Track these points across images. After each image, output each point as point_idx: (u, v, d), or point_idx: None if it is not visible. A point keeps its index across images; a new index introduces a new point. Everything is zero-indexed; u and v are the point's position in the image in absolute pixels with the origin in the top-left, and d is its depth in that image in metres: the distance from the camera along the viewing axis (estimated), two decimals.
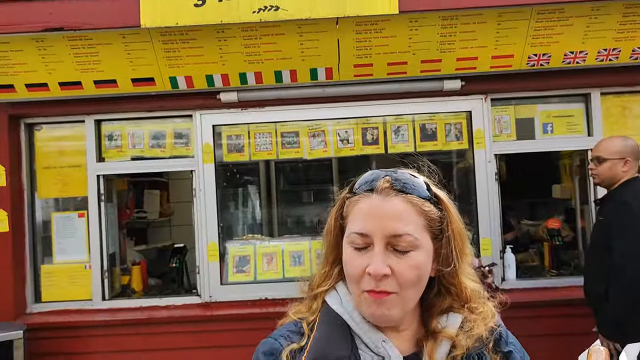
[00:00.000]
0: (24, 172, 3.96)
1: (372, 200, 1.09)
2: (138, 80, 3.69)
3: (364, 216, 1.09)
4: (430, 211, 1.10)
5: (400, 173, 1.13)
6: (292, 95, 3.85)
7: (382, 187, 1.09)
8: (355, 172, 4.10)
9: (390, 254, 1.05)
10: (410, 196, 1.09)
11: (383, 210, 1.07)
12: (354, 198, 1.13)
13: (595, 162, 3.15)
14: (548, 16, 3.48)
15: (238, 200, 5.66)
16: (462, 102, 3.93)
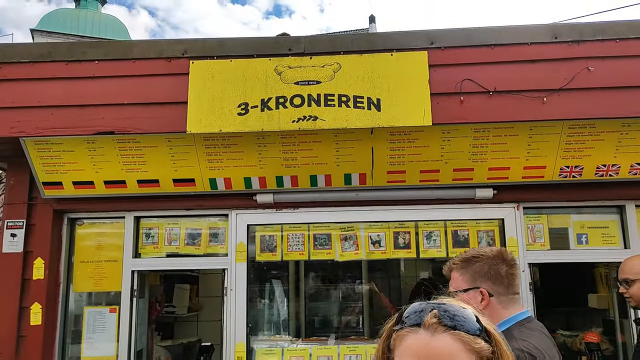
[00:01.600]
0: (62, 265, 4.06)
1: (420, 337, 1.06)
2: (179, 180, 3.84)
3: (411, 354, 1.05)
4: (481, 348, 1.05)
5: (448, 305, 1.10)
6: (326, 198, 3.95)
7: (429, 322, 1.06)
8: (385, 272, 4.12)
9: None
10: (460, 332, 1.05)
11: (431, 349, 1.03)
12: (401, 332, 1.10)
13: (624, 285, 3.06)
14: (579, 130, 3.56)
15: (265, 296, 5.65)
16: (494, 209, 3.96)
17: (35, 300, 3.87)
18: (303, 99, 3.49)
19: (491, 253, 2.12)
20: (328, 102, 3.48)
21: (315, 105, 3.47)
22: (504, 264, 2.08)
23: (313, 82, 3.51)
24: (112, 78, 3.61)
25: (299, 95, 3.49)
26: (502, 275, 2.05)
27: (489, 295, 2.05)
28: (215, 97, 3.52)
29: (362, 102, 3.47)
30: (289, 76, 3.52)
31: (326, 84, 3.50)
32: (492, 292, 2.05)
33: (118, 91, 3.58)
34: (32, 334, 3.83)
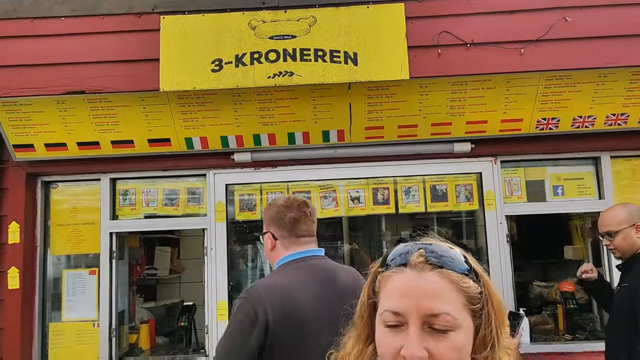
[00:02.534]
0: (38, 229, 4.00)
1: (406, 276, 1.01)
2: (154, 140, 3.77)
3: (397, 294, 1.01)
4: (469, 287, 1.01)
5: (435, 245, 1.06)
6: (304, 155, 3.92)
7: (415, 261, 1.02)
8: (365, 230, 4.12)
9: (427, 335, 0.97)
10: (447, 271, 1.01)
11: (418, 288, 0.99)
12: (387, 273, 1.05)
13: (607, 237, 3.10)
14: (556, 82, 3.56)
15: (247, 257, 5.65)
16: (472, 163, 3.97)
17: (12, 265, 3.83)
18: (278, 54, 3.41)
19: (280, 201, 2.30)
20: (304, 57, 3.41)
21: (291, 61, 3.41)
22: (289, 211, 2.23)
23: (288, 36, 3.43)
24: (81, 35, 3.50)
25: (274, 50, 3.42)
26: (285, 221, 2.21)
27: (274, 238, 2.24)
28: (187, 53, 3.43)
29: (339, 57, 3.41)
30: (263, 31, 3.44)
31: (302, 38, 3.43)
32: (277, 236, 2.23)
33: (87, 49, 3.47)
34: (10, 298, 3.80)
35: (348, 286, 2.11)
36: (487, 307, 1.05)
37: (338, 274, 2.17)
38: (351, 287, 2.07)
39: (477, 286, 1.04)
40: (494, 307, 1.06)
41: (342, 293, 2.05)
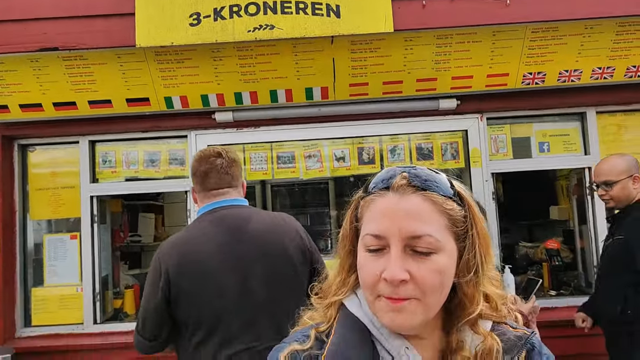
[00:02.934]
0: (16, 193, 3.91)
1: (388, 198, 0.99)
2: (133, 100, 3.67)
3: (378, 216, 0.99)
4: (452, 210, 0.99)
5: (419, 169, 1.03)
6: (287, 114, 3.84)
7: (398, 184, 0.99)
8: (353, 194, 4.05)
9: (408, 258, 0.95)
10: (431, 193, 0.98)
11: (400, 209, 0.96)
12: (369, 197, 1.03)
13: (603, 187, 3.08)
14: (542, 35, 3.50)
15: None
16: (457, 121, 3.92)
17: None
18: (258, 7, 3.31)
19: (196, 156, 2.37)
20: (285, 10, 3.31)
21: (271, 13, 3.31)
22: (199, 165, 2.31)
23: None
24: None
25: (253, 3, 3.31)
26: (197, 176, 2.31)
27: (194, 191, 2.37)
28: (164, 7, 3.31)
29: (321, 9, 3.32)
30: None
31: None
32: (196, 189, 2.34)
33: (59, 3, 3.34)
34: None
35: (260, 230, 2.19)
36: (472, 232, 1.03)
37: (252, 219, 2.21)
38: (266, 230, 2.20)
39: (461, 209, 1.02)
40: (478, 232, 1.04)
41: (253, 237, 2.16)
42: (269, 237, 2.20)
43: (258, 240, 2.18)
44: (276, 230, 2.23)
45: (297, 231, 2.29)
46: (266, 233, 2.20)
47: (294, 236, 2.26)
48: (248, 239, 2.17)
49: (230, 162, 2.31)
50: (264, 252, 2.17)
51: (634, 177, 3.02)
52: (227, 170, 2.29)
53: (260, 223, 2.23)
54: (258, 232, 2.19)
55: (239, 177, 2.35)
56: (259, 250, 2.17)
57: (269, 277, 2.15)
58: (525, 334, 1.05)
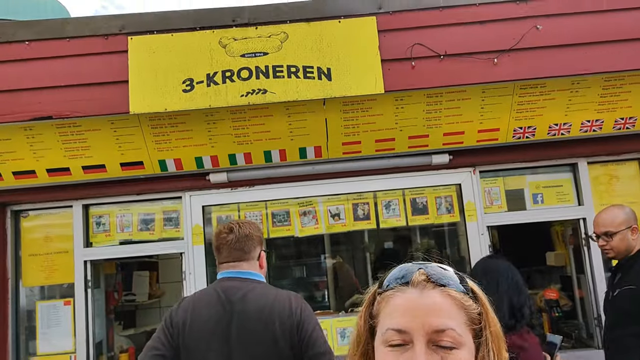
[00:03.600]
0: (8, 260, 3.87)
1: (409, 294, 0.99)
2: (127, 164, 3.68)
3: (401, 311, 0.98)
4: (470, 307, 1.01)
5: (433, 265, 1.05)
6: (281, 173, 3.85)
7: (418, 279, 1.00)
8: (348, 245, 4.06)
9: (432, 353, 0.94)
10: (449, 289, 1.00)
11: (422, 304, 0.97)
12: (387, 293, 1.03)
13: (604, 237, 3.08)
14: (530, 91, 3.56)
15: None
16: (451, 175, 3.95)
17: None
18: (251, 72, 3.36)
19: (214, 232, 2.55)
20: (277, 74, 3.36)
21: (263, 78, 3.35)
22: (216, 241, 2.49)
23: (260, 53, 3.38)
24: (46, 59, 3.40)
25: (246, 67, 3.36)
26: (214, 249, 2.51)
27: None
28: (158, 74, 3.35)
29: (312, 72, 3.37)
30: (234, 48, 3.38)
31: (274, 54, 3.38)
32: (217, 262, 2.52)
33: (53, 73, 3.38)
34: None
35: (251, 310, 2.27)
36: (487, 330, 1.03)
37: (247, 296, 2.31)
38: (257, 309, 2.27)
39: (477, 306, 1.03)
40: (492, 329, 1.05)
41: (246, 312, 2.27)
42: (259, 316, 2.26)
43: (247, 319, 2.27)
44: (268, 312, 2.28)
45: (292, 315, 2.28)
46: (257, 313, 2.27)
47: (286, 320, 2.26)
48: (237, 314, 2.27)
49: (241, 237, 2.43)
50: (249, 332, 2.25)
51: (633, 228, 3.03)
52: (237, 246, 2.42)
53: (253, 303, 2.29)
54: (248, 312, 2.27)
55: (252, 250, 2.45)
56: (244, 330, 2.25)
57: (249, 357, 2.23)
58: None
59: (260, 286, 2.38)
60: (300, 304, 2.32)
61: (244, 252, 2.42)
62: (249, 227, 2.47)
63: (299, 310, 2.29)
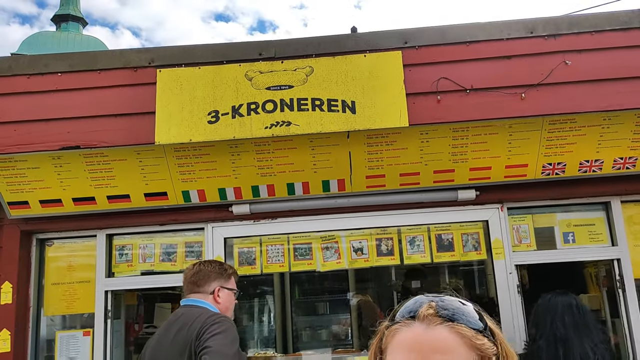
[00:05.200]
0: (31, 288, 3.88)
1: (414, 329, 0.94)
2: (151, 194, 3.70)
3: (403, 348, 0.93)
4: (483, 345, 0.93)
5: (447, 298, 0.99)
6: (304, 206, 3.82)
7: (424, 314, 0.95)
8: (373, 281, 3.98)
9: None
10: (459, 326, 0.93)
11: (426, 342, 0.91)
12: (394, 327, 0.98)
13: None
14: (560, 126, 3.48)
15: (251, 312, 5.48)
16: (477, 211, 3.85)
17: (4, 327, 3.69)
18: (275, 104, 3.37)
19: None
20: (301, 107, 3.37)
21: (288, 110, 3.36)
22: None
23: (285, 86, 3.40)
24: (77, 90, 3.48)
25: (271, 100, 3.38)
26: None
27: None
28: (184, 105, 3.39)
29: (337, 105, 3.36)
30: (260, 81, 3.41)
31: (299, 88, 3.39)
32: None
33: (83, 104, 3.45)
34: None
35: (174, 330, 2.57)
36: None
37: (179, 318, 2.61)
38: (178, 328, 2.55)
39: (493, 346, 0.96)
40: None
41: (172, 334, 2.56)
42: (179, 333, 2.54)
43: (173, 337, 2.56)
44: (184, 327, 2.54)
45: (201, 326, 2.48)
46: (178, 331, 2.56)
47: (194, 331, 2.48)
48: (172, 337, 2.56)
49: (195, 273, 2.79)
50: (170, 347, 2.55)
51: None
52: (191, 280, 2.79)
53: (181, 320, 2.60)
54: (174, 329, 2.58)
55: (204, 285, 2.77)
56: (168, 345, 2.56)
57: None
58: None
59: (196, 309, 2.64)
60: (215, 320, 2.50)
61: (196, 285, 2.76)
62: (207, 266, 2.82)
63: (209, 321, 2.48)
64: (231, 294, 2.87)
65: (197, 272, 2.79)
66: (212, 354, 2.34)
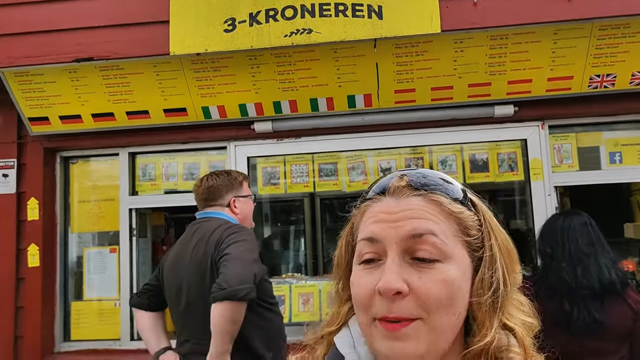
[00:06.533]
0: (57, 205, 3.90)
1: (384, 202, 0.82)
2: (170, 110, 3.58)
3: (373, 219, 0.81)
4: (462, 214, 0.81)
5: (422, 171, 0.86)
6: (329, 124, 3.63)
7: (395, 186, 0.83)
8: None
9: (408, 267, 0.77)
10: (434, 194, 0.81)
11: (397, 210, 0.80)
12: (363, 205, 0.86)
13: None
14: (611, 32, 3.12)
15: (284, 239, 5.46)
16: (516, 129, 3.58)
17: (32, 242, 3.74)
18: (296, 10, 3.13)
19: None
20: (323, 13, 3.11)
21: (309, 17, 3.12)
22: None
23: None
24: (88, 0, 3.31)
25: (291, 6, 3.14)
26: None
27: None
28: (199, 13, 3.19)
29: (362, 10, 3.09)
30: None
31: None
32: None
33: (94, 13, 3.29)
34: (30, 276, 3.71)
35: (194, 241, 2.54)
36: (489, 242, 0.82)
37: (196, 233, 2.57)
38: (198, 239, 2.52)
39: (474, 215, 0.83)
40: (499, 243, 0.83)
41: (191, 246, 2.53)
42: (197, 246, 2.51)
43: (192, 250, 2.52)
44: (203, 240, 2.51)
45: (218, 238, 2.45)
46: (197, 244, 2.52)
47: (212, 243, 2.46)
48: (191, 249, 2.53)
49: (205, 189, 2.71)
50: (187, 263, 2.53)
51: None
52: (202, 197, 2.72)
53: (198, 233, 2.56)
54: (193, 242, 2.54)
55: (217, 199, 2.69)
56: (189, 259, 2.53)
57: (191, 284, 2.49)
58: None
59: (214, 221, 2.58)
60: (234, 230, 2.46)
61: (209, 200, 2.69)
62: (215, 179, 2.71)
63: (227, 232, 2.45)
64: (248, 201, 2.77)
65: (207, 189, 2.69)
66: (232, 260, 2.31)
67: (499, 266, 0.81)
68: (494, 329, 0.79)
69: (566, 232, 2.62)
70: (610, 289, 2.43)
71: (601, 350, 2.42)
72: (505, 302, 0.81)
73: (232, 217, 2.67)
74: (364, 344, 0.84)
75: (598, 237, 2.56)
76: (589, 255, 2.49)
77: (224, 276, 2.25)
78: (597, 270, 2.45)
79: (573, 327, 2.41)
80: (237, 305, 2.23)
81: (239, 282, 2.22)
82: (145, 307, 2.70)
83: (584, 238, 2.55)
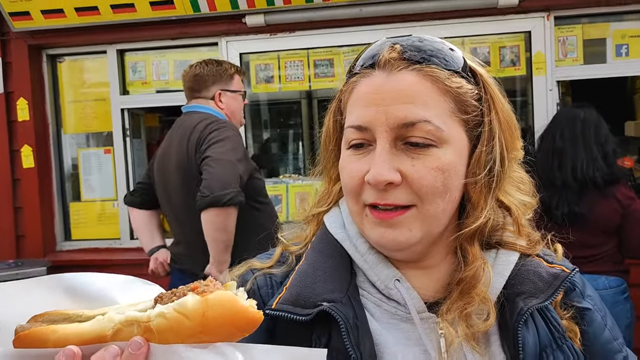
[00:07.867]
0: (48, 106, 3.81)
1: (373, 78, 0.75)
2: (157, 3, 3.41)
3: (362, 102, 0.75)
4: (460, 88, 0.74)
5: (419, 38, 0.77)
6: (325, 16, 3.46)
7: (386, 58, 0.74)
8: None
9: (400, 153, 0.73)
10: (430, 68, 0.73)
11: (387, 91, 0.73)
12: (352, 80, 0.79)
13: None
14: None
15: (282, 141, 5.41)
16: (519, 21, 3.42)
17: (25, 143, 3.70)
18: None
19: None
20: None
21: None
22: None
23: None
24: None
25: None
26: None
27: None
28: None
29: None
30: None
31: None
32: None
33: None
34: (26, 177, 3.71)
35: (178, 136, 2.46)
36: (489, 117, 0.76)
37: (179, 129, 2.50)
38: (181, 134, 2.43)
39: (474, 88, 0.75)
40: (499, 117, 0.76)
41: (174, 141, 2.46)
42: (180, 145, 2.42)
43: (176, 149, 2.44)
44: (185, 138, 2.41)
45: (198, 137, 2.36)
46: (180, 142, 2.43)
47: (193, 143, 2.36)
48: (177, 138, 2.46)
49: (191, 77, 2.56)
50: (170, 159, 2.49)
51: None
52: (187, 85, 2.60)
53: (180, 130, 2.47)
54: (176, 141, 2.46)
55: (202, 90, 2.55)
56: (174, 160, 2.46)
57: (176, 188, 2.45)
58: (563, 272, 0.78)
59: (196, 115, 2.47)
60: (214, 127, 2.36)
61: (195, 91, 2.56)
62: (204, 67, 2.54)
63: (207, 129, 2.35)
64: (236, 97, 2.61)
65: (193, 76, 2.55)
66: (213, 163, 2.23)
67: (497, 142, 0.76)
68: (488, 208, 0.76)
69: (554, 125, 2.62)
70: (588, 184, 2.45)
71: (586, 242, 2.44)
72: (502, 180, 0.78)
73: (218, 112, 2.54)
74: (353, 223, 0.82)
75: (584, 133, 2.53)
76: (563, 149, 2.50)
77: (206, 182, 2.18)
78: (573, 165, 2.47)
79: (553, 216, 2.43)
80: (223, 211, 2.17)
81: (221, 187, 2.16)
82: (138, 205, 2.68)
83: (568, 132, 2.54)
